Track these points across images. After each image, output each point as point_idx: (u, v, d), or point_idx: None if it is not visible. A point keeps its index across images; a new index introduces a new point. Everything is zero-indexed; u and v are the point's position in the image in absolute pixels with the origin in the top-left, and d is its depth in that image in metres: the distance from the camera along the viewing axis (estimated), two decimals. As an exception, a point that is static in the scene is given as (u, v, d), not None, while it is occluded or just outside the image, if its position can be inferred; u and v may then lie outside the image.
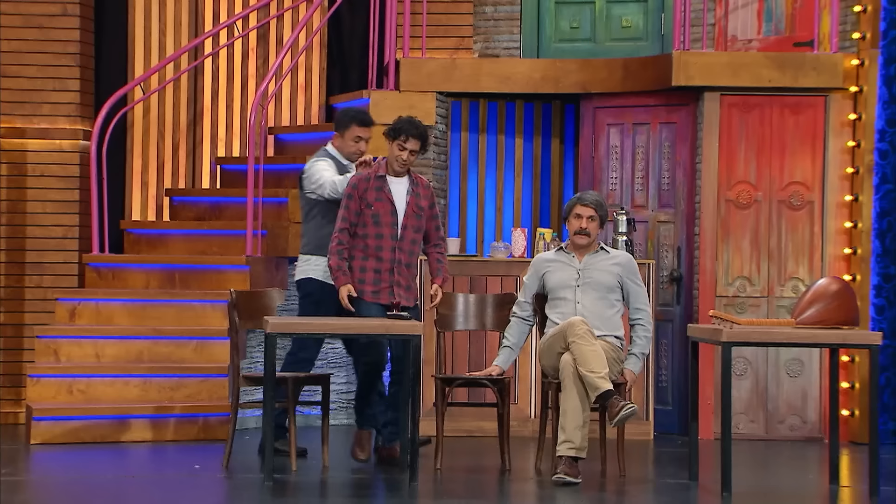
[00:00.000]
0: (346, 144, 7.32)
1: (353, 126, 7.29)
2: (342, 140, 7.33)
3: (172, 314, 8.17)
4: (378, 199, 6.78)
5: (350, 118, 7.31)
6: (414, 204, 6.79)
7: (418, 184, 6.86)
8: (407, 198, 6.79)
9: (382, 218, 6.76)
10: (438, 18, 9.14)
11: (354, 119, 7.30)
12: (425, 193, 6.84)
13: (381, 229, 6.79)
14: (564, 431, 6.48)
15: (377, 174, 6.82)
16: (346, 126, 7.30)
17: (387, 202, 6.76)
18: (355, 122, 7.29)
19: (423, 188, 6.86)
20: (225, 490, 6.41)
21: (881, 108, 8.18)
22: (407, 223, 6.78)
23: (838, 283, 6.53)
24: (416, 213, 6.79)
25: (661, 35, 9.09)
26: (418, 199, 6.81)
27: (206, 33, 9.16)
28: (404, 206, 6.78)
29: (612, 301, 6.84)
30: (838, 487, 6.57)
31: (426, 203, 6.83)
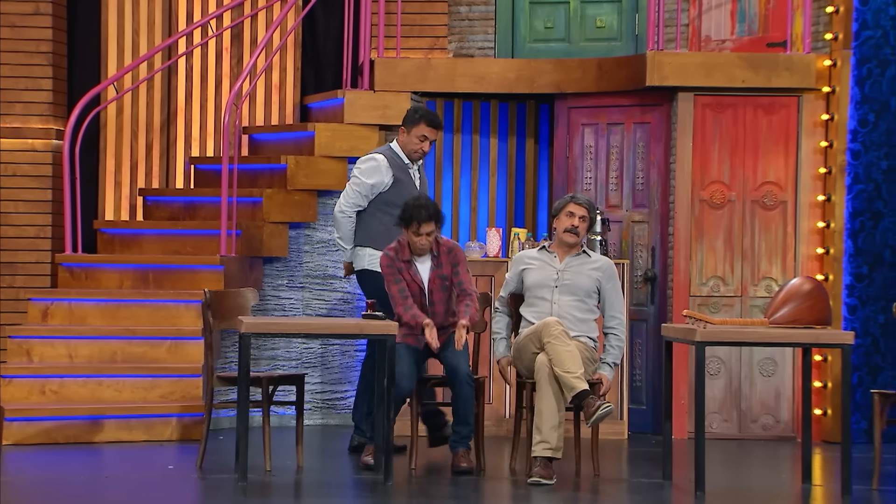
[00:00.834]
0: (411, 141, 7.30)
1: (422, 124, 7.27)
2: (408, 136, 7.31)
3: (146, 314, 8.14)
4: (409, 281, 6.85)
5: (420, 116, 7.29)
6: (436, 277, 6.83)
7: (440, 253, 6.85)
8: (429, 274, 6.82)
9: (415, 298, 6.83)
10: (413, 18, 9.14)
11: (424, 118, 7.28)
12: (447, 260, 6.84)
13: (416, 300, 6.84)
14: (540, 432, 6.49)
15: (403, 258, 6.83)
16: (416, 123, 7.28)
17: (413, 283, 6.83)
18: (425, 120, 7.27)
19: (446, 255, 6.85)
20: (199, 490, 6.40)
21: (853, 108, 8.23)
22: (434, 299, 6.83)
23: (811, 283, 6.56)
24: (441, 286, 6.84)
25: (636, 35, 9.12)
26: (441, 269, 6.84)
27: (179, 32, 9.13)
28: (427, 283, 6.82)
29: (590, 305, 6.85)
30: (811, 486, 6.60)
31: (449, 270, 6.84)
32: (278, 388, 6.93)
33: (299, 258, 8.73)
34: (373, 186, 7.27)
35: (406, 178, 7.32)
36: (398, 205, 7.03)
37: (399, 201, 7.09)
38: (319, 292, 8.73)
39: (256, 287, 8.48)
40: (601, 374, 6.80)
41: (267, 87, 9.43)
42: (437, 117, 7.36)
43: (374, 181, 7.25)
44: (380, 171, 7.25)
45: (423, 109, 7.42)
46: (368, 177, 7.25)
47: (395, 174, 7.28)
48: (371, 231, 7.26)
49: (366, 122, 8.74)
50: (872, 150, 8.25)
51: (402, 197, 7.13)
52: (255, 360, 8.42)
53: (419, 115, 7.30)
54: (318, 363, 8.71)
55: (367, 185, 7.26)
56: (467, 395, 6.66)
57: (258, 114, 9.45)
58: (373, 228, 7.26)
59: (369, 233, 7.26)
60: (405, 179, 7.31)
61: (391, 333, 6.43)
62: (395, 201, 7.16)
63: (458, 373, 6.65)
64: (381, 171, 7.25)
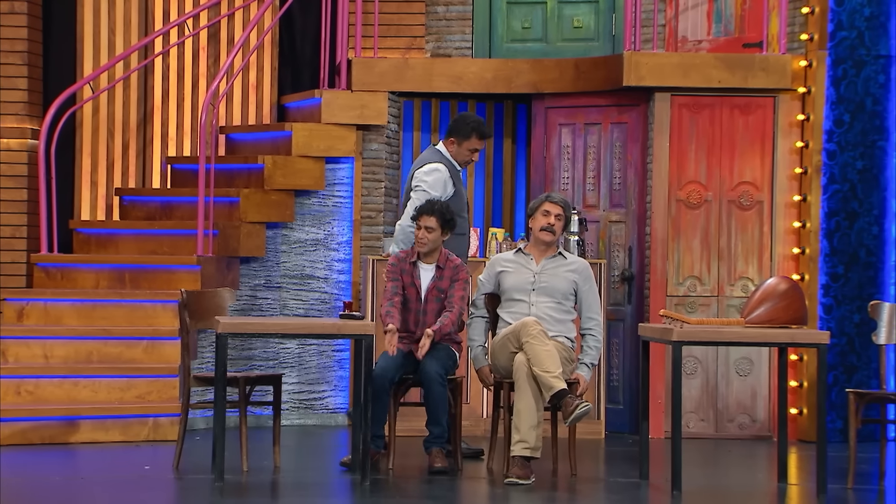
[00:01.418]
0: (462, 153, 7.23)
1: (473, 137, 7.19)
2: (458, 147, 7.23)
3: (122, 314, 8.11)
4: (410, 284, 6.87)
5: (472, 129, 7.20)
6: (434, 288, 6.84)
7: (445, 267, 6.87)
8: (430, 283, 6.84)
9: (411, 304, 6.85)
10: (390, 18, 9.14)
11: (476, 130, 7.20)
12: (449, 274, 6.86)
13: (407, 315, 6.86)
14: (519, 431, 6.49)
15: (411, 260, 6.89)
16: (467, 136, 7.19)
17: (413, 287, 6.85)
18: (476, 133, 7.19)
19: (450, 269, 6.86)
20: (175, 491, 6.38)
21: (829, 108, 8.27)
22: (428, 308, 6.84)
23: (787, 283, 6.59)
24: (436, 297, 6.85)
25: (612, 35, 9.14)
26: (441, 282, 6.85)
27: (156, 32, 9.10)
28: (425, 292, 6.83)
29: (567, 307, 6.86)
30: (787, 485, 6.63)
31: (447, 284, 6.85)
32: (255, 389, 6.92)
33: (276, 258, 8.72)
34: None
35: (460, 187, 7.27)
36: (457, 213, 7.06)
37: (458, 209, 7.10)
38: (297, 292, 8.72)
39: (233, 287, 8.46)
40: (579, 374, 6.81)
41: (244, 86, 9.41)
42: (486, 126, 7.28)
43: (439, 192, 7.14)
44: (443, 182, 7.17)
45: (473, 120, 7.27)
46: (435, 189, 7.14)
47: (454, 183, 7.22)
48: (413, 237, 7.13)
49: (343, 122, 8.73)
50: (848, 151, 8.29)
51: (460, 204, 7.14)
52: (232, 361, 8.40)
53: (470, 126, 7.19)
54: (295, 363, 8.70)
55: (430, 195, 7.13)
56: (437, 394, 6.65)
57: (235, 113, 9.43)
58: None
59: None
60: (460, 188, 7.26)
61: (369, 334, 6.43)
62: (455, 209, 7.10)
63: (429, 372, 6.65)
64: (444, 182, 7.18)
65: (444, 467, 6.64)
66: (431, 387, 6.64)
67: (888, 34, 8.29)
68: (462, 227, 7.18)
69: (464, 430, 7.08)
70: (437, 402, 6.66)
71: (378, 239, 8.76)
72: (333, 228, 8.78)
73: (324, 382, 8.72)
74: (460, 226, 7.12)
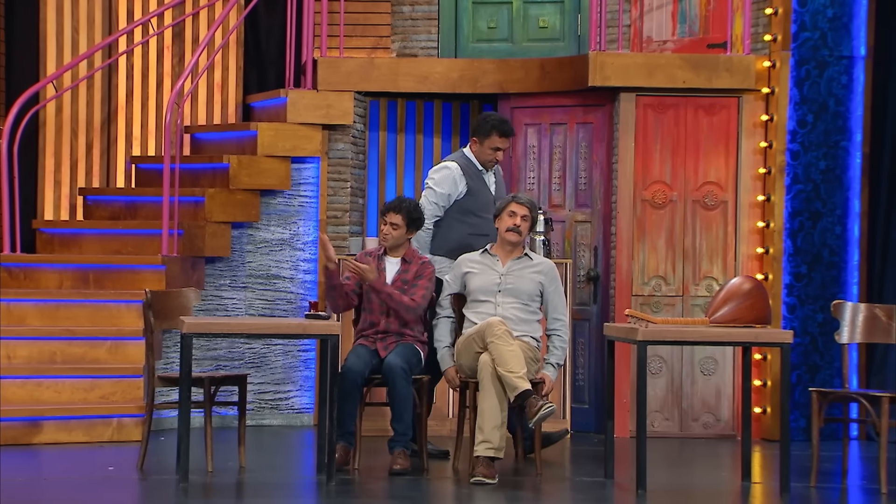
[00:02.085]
0: (484, 152, 7.19)
1: (494, 135, 7.14)
2: (480, 147, 7.19)
3: (86, 314, 8.07)
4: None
5: (491, 127, 7.15)
6: (399, 280, 6.85)
7: (412, 261, 6.88)
8: (395, 275, 6.85)
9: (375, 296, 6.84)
10: (356, 17, 9.13)
11: (496, 128, 7.14)
12: (415, 269, 6.87)
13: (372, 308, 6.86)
14: (482, 431, 6.50)
15: (378, 254, 6.89)
16: (487, 134, 7.15)
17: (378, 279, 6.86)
18: (496, 131, 7.14)
19: (417, 265, 6.88)
20: (139, 492, 6.35)
21: (792, 109, 8.32)
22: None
23: (751, 283, 6.62)
24: (400, 289, 6.84)
25: (578, 36, 9.16)
26: (406, 274, 6.86)
27: (119, 31, 9.06)
28: (390, 283, 6.84)
29: (533, 308, 6.88)
30: (750, 484, 6.66)
31: (411, 277, 6.86)
32: (220, 389, 6.90)
33: (242, 258, 8.69)
34: (448, 196, 7.15)
35: (480, 185, 7.21)
36: (474, 213, 7.05)
37: (475, 209, 7.08)
38: (262, 292, 8.70)
39: (198, 287, 8.43)
40: (544, 373, 6.82)
41: (209, 86, 9.38)
42: (508, 124, 7.22)
43: (447, 190, 7.13)
44: (452, 180, 7.15)
45: (494, 119, 7.22)
46: (441, 186, 7.14)
47: (468, 182, 7.18)
48: (447, 240, 7.15)
49: (309, 122, 8.72)
50: (811, 151, 8.35)
51: (477, 204, 7.11)
52: (197, 361, 8.37)
53: (490, 125, 7.15)
54: (260, 363, 8.68)
55: (441, 194, 7.14)
56: (400, 389, 6.64)
57: (200, 113, 9.39)
58: (449, 238, 7.15)
59: (445, 242, 7.16)
60: (479, 186, 7.21)
61: (335, 334, 6.42)
62: (470, 209, 7.12)
63: (392, 367, 6.64)
64: (454, 180, 7.15)
65: (404, 468, 6.63)
66: (395, 382, 6.64)
67: (851, 35, 8.35)
68: (483, 227, 7.11)
69: (429, 429, 7.08)
70: (400, 398, 6.65)
71: (344, 239, 8.75)
72: (299, 228, 8.77)
73: (289, 382, 8.70)
74: (481, 226, 7.07)
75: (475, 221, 7.14)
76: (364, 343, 6.86)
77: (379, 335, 6.86)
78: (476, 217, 7.10)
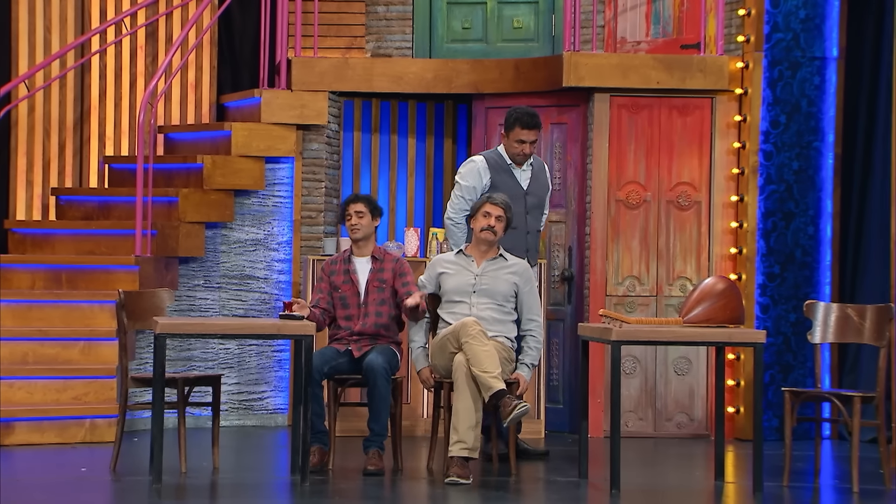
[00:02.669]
0: (511, 145, 7.15)
1: (517, 128, 7.09)
2: (507, 140, 7.16)
3: (59, 315, 8.03)
4: (345, 281, 6.85)
5: (514, 119, 7.11)
6: (375, 279, 6.85)
7: (384, 259, 6.87)
8: (368, 275, 6.85)
9: (349, 300, 6.84)
10: (330, 17, 9.12)
11: (519, 121, 7.10)
12: (390, 266, 6.87)
13: (349, 311, 6.85)
14: (457, 432, 6.50)
15: (343, 258, 6.89)
16: (511, 127, 7.12)
17: (348, 284, 6.85)
18: (519, 123, 7.09)
19: (391, 261, 6.88)
20: (112, 493, 6.33)
21: (765, 109, 8.35)
22: (369, 300, 6.84)
23: (724, 283, 6.64)
24: (378, 288, 6.84)
25: (552, 36, 9.17)
26: (382, 273, 6.86)
27: (92, 30, 9.02)
28: (365, 283, 6.83)
29: (508, 309, 6.89)
30: (723, 483, 6.69)
31: (390, 276, 6.86)
32: (194, 390, 6.88)
33: (216, 258, 8.67)
34: (473, 188, 7.11)
35: (508, 180, 7.16)
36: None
37: None
38: (236, 292, 8.68)
39: (172, 287, 8.41)
40: (518, 374, 6.84)
41: (183, 85, 9.35)
42: (534, 117, 7.14)
43: (471, 183, 7.10)
44: (477, 173, 7.13)
45: (519, 111, 7.18)
46: (466, 179, 7.11)
47: (493, 176, 7.14)
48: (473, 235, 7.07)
49: (283, 122, 8.70)
50: (784, 151, 8.38)
51: None
52: (171, 361, 8.34)
53: (513, 117, 7.12)
54: (235, 364, 8.66)
55: (467, 187, 7.10)
56: (381, 388, 6.64)
57: (174, 113, 9.36)
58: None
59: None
60: (507, 181, 7.16)
61: (309, 334, 6.42)
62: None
63: (375, 366, 6.64)
64: (478, 173, 7.13)
65: (378, 469, 6.63)
66: (377, 381, 6.64)
67: (823, 36, 8.39)
68: (515, 220, 7.02)
69: (404, 430, 7.08)
70: (380, 397, 6.65)
71: (318, 239, 8.74)
72: (273, 228, 8.75)
73: (263, 383, 8.68)
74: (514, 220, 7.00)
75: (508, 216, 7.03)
76: (335, 346, 6.86)
77: (353, 337, 6.85)
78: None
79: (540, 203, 7.33)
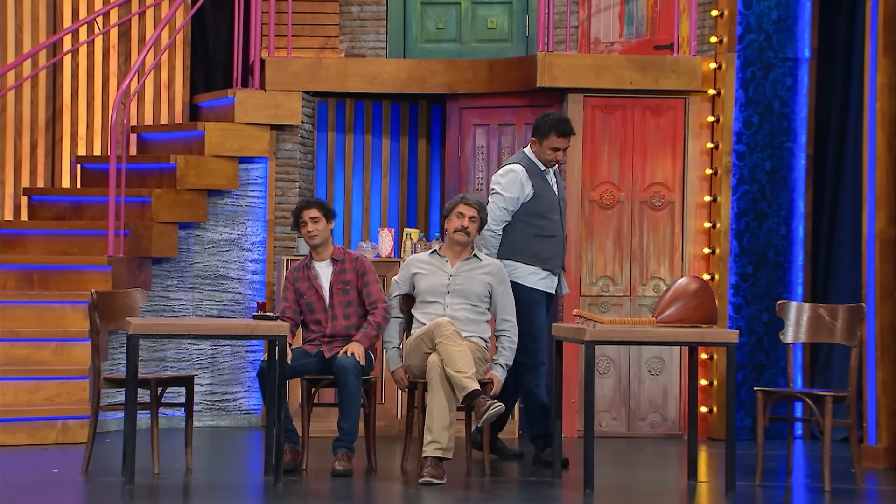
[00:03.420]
0: (544, 152, 7.09)
1: (553, 136, 7.04)
2: (540, 147, 7.10)
3: (31, 316, 7.99)
4: (308, 288, 6.84)
5: (550, 127, 7.05)
6: (338, 281, 6.83)
7: (345, 260, 6.86)
8: (331, 278, 6.83)
9: (315, 306, 6.83)
10: (304, 17, 9.11)
11: (554, 128, 7.04)
12: (352, 267, 6.85)
13: (316, 315, 6.83)
14: (431, 432, 6.50)
15: (304, 265, 6.88)
16: (545, 135, 7.06)
17: (311, 290, 6.84)
18: (555, 131, 7.03)
19: (351, 261, 6.87)
20: (84, 494, 6.30)
21: (738, 110, 8.38)
22: (335, 302, 6.82)
23: (697, 283, 6.67)
24: (342, 290, 6.83)
25: (526, 37, 9.19)
26: (344, 274, 6.84)
27: (64, 30, 8.98)
28: (328, 287, 6.82)
29: (482, 309, 6.89)
30: (696, 483, 6.71)
31: (353, 276, 6.84)
32: (168, 390, 6.85)
33: (189, 258, 8.64)
34: (517, 199, 7.07)
35: (545, 185, 7.13)
36: (541, 214, 7.02)
37: (541, 210, 7.04)
38: (210, 293, 8.65)
39: (145, 288, 8.38)
40: (493, 374, 6.84)
41: (156, 85, 9.32)
42: (567, 124, 7.10)
43: (514, 194, 7.07)
44: (519, 183, 7.09)
45: (553, 118, 7.13)
46: (509, 190, 7.07)
47: (534, 184, 7.10)
48: (515, 243, 7.08)
49: (256, 122, 8.68)
50: (757, 152, 8.42)
51: (543, 205, 7.06)
52: (144, 362, 8.31)
53: (548, 125, 7.06)
54: (208, 364, 8.63)
55: (511, 198, 7.07)
56: (352, 386, 6.62)
57: (147, 113, 9.33)
58: (514, 240, 7.08)
59: (513, 245, 7.08)
60: (544, 188, 7.13)
61: (282, 334, 6.40)
62: (537, 211, 7.06)
63: (345, 364, 6.63)
64: (521, 183, 7.09)
65: (346, 470, 6.62)
66: (347, 379, 6.62)
67: (795, 37, 8.43)
68: (551, 228, 7.08)
69: (378, 430, 7.08)
70: (350, 395, 6.63)
71: (292, 239, 8.72)
72: (247, 229, 8.73)
73: (237, 384, 8.66)
74: (547, 227, 7.04)
75: (542, 223, 7.07)
76: (306, 348, 6.85)
77: (325, 339, 6.84)
78: (543, 219, 7.05)
79: (565, 208, 7.35)
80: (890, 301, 7.27)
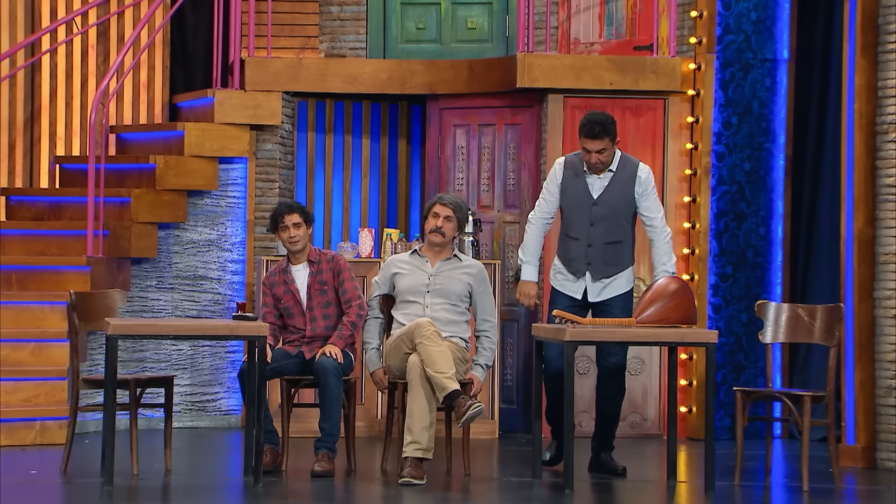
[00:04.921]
0: (582, 153, 6.94)
1: (581, 136, 6.86)
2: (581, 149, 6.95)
3: (9, 316, 7.96)
4: (286, 291, 6.83)
5: (580, 127, 6.88)
6: (315, 283, 6.82)
7: (320, 260, 6.85)
8: (308, 280, 6.82)
9: (293, 309, 6.81)
10: (284, 17, 9.09)
11: (581, 128, 6.85)
12: (328, 267, 6.85)
13: (295, 319, 6.83)
14: (411, 432, 6.50)
15: (281, 269, 6.87)
16: (578, 135, 6.90)
17: (289, 294, 6.83)
18: (582, 131, 6.84)
19: (327, 262, 6.86)
20: (63, 495, 6.28)
21: (717, 111, 8.41)
22: (313, 304, 6.82)
23: (677, 283, 6.68)
24: (320, 290, 6.82)
25: (506, 37, 9.19)
26: (321, 275, 6.83)
27: (43, 29, 8.95)
28: (306, 289, 6.81)
29: (462, 309, 6.90)
30: (676, 482, 6.73)
31: (330, 276, 6.83)
32: (147, 391, 6.84)
33: (169, 259, 8.62)
34: (549, 190, 6.96)
35: (576, 184, 6.92)
36: (567, 212, 6.90)
37: (567, 208, 6.90)
38: (190, 293, 8.63)
39: (124, 288, 8.35)
40: (473, 374, 6.84)
41: (135, 85, 9.29)
42: (590, 125, 6.80)
43: (548, 185, 6.97)
44: (553, 174, 6.98)
45: (585, 119, 6.90)
46: (547, 180, 7.01)
47: (566, 177, 6.93)
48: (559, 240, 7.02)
49: (236, 122, 8.67)
50: (736, 153, 8.44)
51: (570, 203, 6.89)
52: (123, 363, 8.28)
53: (580, 126, 6.88)
54: (188, 365, 8.62)
55: (546, 188, 6.98)
56: (332, 386, 6.62)
57: (126, 113, 9.30)
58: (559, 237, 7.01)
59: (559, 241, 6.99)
60: (575, 185, 6.92)
61: (262, 335, 6.39)
62: (564, 207, 6.94)
63: (325, 364, 6.62)
64: (555, 173, 6.97)
65: (326, 471, 6.61)
66: (327, 379, 6.62)
67: (774, 38, 8.46)
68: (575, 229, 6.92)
69: (358, 430, 7.07)
70: (331, 395, 6.63)
71: (272, 240, 8.71)
72: (227, 229, 8.72)
73: (217, 384, 8.65)
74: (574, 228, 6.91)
75: (567, 222, 6.93)
76: (287, 349, 6.84)
77: (305, 340, 6.84)
78: (568, 217, 6.91)
79: (611, 214, 6.90)
80: (868, 301, 7.30)
